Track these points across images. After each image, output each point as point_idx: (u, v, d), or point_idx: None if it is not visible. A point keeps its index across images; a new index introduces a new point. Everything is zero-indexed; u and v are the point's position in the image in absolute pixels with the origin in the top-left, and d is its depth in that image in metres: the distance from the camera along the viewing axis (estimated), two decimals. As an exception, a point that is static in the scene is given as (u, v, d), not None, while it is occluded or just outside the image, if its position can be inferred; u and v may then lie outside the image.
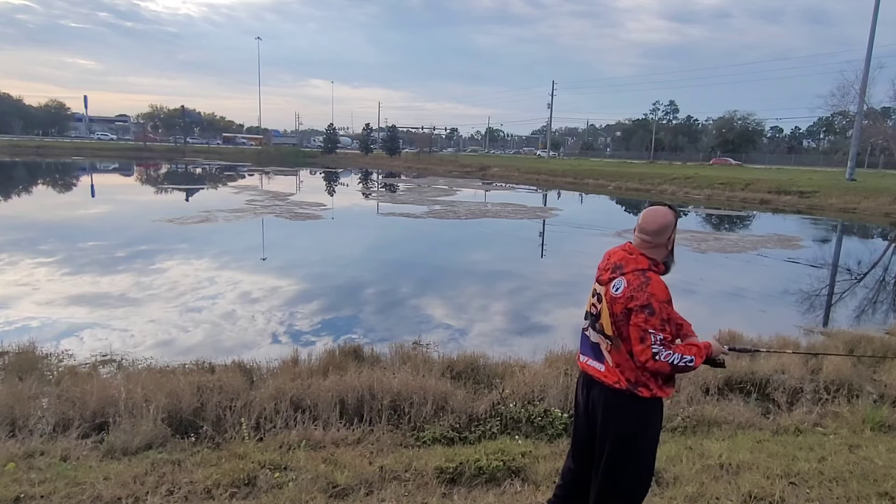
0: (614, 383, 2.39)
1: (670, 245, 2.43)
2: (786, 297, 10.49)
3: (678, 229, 2.46)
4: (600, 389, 2.45)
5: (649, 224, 2.38)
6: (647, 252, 2.39)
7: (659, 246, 2.40)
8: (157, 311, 7.96)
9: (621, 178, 39.60)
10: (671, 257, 2.45)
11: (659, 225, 2.37)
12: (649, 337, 2.25)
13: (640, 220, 2.43)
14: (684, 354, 2.31)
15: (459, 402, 4.58)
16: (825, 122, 75.22)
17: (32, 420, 4.09)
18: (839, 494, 3.35)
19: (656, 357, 2.26)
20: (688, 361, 2.31)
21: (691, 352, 2.34)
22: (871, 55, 32.14)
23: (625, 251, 2.43)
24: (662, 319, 2.27)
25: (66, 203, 23.07)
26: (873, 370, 5.87)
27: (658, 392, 2.37)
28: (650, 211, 2.43)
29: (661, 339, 2.26)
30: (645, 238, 2.39)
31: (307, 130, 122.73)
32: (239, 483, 3.32)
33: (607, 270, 2.43)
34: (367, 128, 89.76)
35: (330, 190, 35.56)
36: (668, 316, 2.31)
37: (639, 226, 2.41)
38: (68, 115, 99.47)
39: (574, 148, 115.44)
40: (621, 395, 2.38)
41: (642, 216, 2.43)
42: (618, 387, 2.38)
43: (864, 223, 23.24)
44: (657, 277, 2.34)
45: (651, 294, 2.27)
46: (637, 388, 2.36)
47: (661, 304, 2.28)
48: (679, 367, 2.31)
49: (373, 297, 9.48)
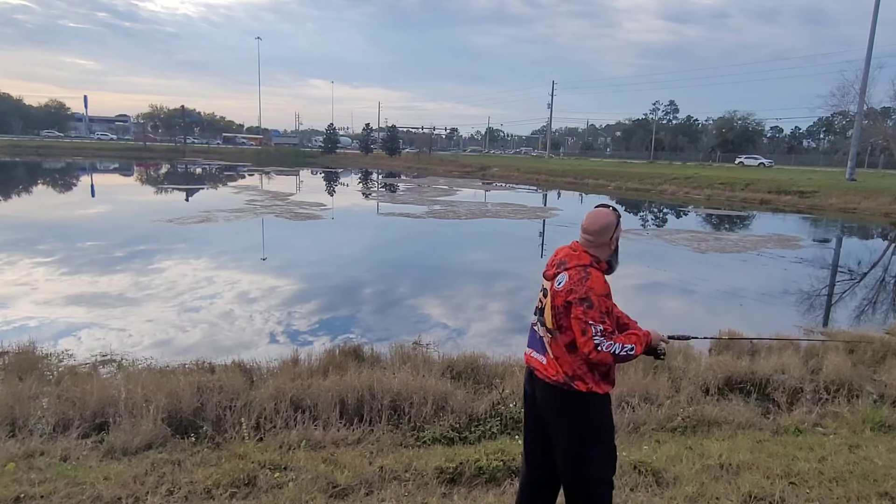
0: (553, 376, 2.49)
1: (614, 244, 2.55)
2: (786, 297, 10.48)
3: (621, 228, 2.56)
4: (542, 383, 2.56)
5: (592, 224, 2.51)
6: (590, 250, 2.51)
7: (602, 245, 2.51)
8: (157, 311, 7.95)
9: (621, 178, 39.59)
10: (615, 257, 2.57)
11: (600, 225, 2.50)
12: (590, 328, 2.35)
13: (584, 220, 2.54)
14: (625, 343, 2.41)
15: (459, 402, 4.58)
16: (825, 122, 75.19)
17: (32, 420, 4.09)
18: (839, 494, 3.34)
19: (598, 348, 2.35)
20: (629, 350, 2.41)
21: (631, 340, 2.44)
22: (871, 55, 32.16)
23: (570, 249, 2.56)
24: (602, 312, 2.36)
25: (66, 203, 23.07)
26: (873, 370, 5.88)
27: (594, 387, 2.45)
28: (593, 212, 2.55)
29: (601, 331, 2.35)
30: (588, 238, 2.52)
31: (307, 130, 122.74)
32: (239, 483, 3.32)
33: (553, 266, 2.55)
34: (367, 128, 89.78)
35: (330, 190, 35.56)
36: (608, 309, 2.41)
37: (583, 226, 2.53)
38: (68, 114, 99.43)
39: (574, 148, 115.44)
40: (560, 387, 2.48)
41: (586, 217, 2.55)
42: (555, 379, 2.48)
43: (865, 223, 23.23)
44: (597, 273, 2.45)
45: (590, 288, 2.38)
46: (574, 381, 2.45)
47: (600, 297, 2.38)
48: (621, 357, 2.40)
49: (373, 297, 9.48)
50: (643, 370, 5.34)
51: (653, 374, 5.35)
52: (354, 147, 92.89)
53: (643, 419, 4.54)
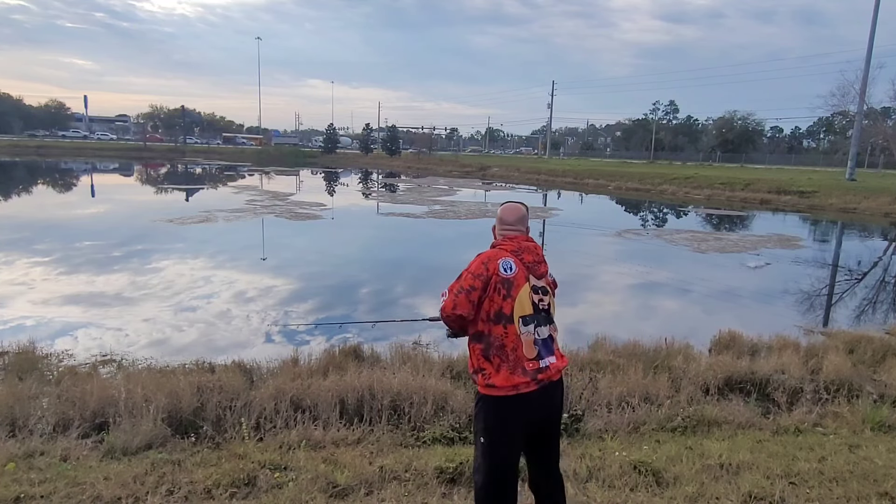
0: (564, 365, 2.59)
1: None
2: (786, 296, 10.48)
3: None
4: (560, 381, 2.56)
5: (522, 216, 2.73)
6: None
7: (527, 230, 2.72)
8: (157, 311, 7.95)
9: (621, 178, 39.57)
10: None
11: (523, 214, 2.72)
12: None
13: (508, 215, 2.69)
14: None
15: (459, 402, 4.58)
16: (825, 122, 75.13)
17: (32, 420, 4.09)
18: (839, 494, 3.34)
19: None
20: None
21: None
22: (871, 55, 32.15)
23: (529, 242, 2.63)
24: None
25: (66, 203, 23.07)
26: (873, 370, 5.88)
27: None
28: (514, 206, 2.73)
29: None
30: (521, 228, 2.69)
31: (307, 130, 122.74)
32: (239, 483, 3.32)
33: (540, 263, 2.59)
34: (367, 128, 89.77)
35: (330, 190, 35.55)
36: None
37: (512, 219, 2.68)
38: (68, 114, 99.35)
39: (574, 148, 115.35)
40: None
41: (510, 212, 2.70)
42: (566, 362, 2.62)
43: (865, 223, 23.23)
44: None
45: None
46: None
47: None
48: None
49: (373, 297, 9.47)
50: (643, 370, 5.34)
51: (653, 374, 5.35)
52: (354, 147, 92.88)
53: (643, 419, 4.54)
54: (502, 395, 2.40)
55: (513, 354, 2.41)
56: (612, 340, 6.47)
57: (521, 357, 2.42)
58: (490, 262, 2.48)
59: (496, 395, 2.41)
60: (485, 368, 2.44)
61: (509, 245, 2.55)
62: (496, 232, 2.69)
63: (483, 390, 2.46)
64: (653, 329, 7.22)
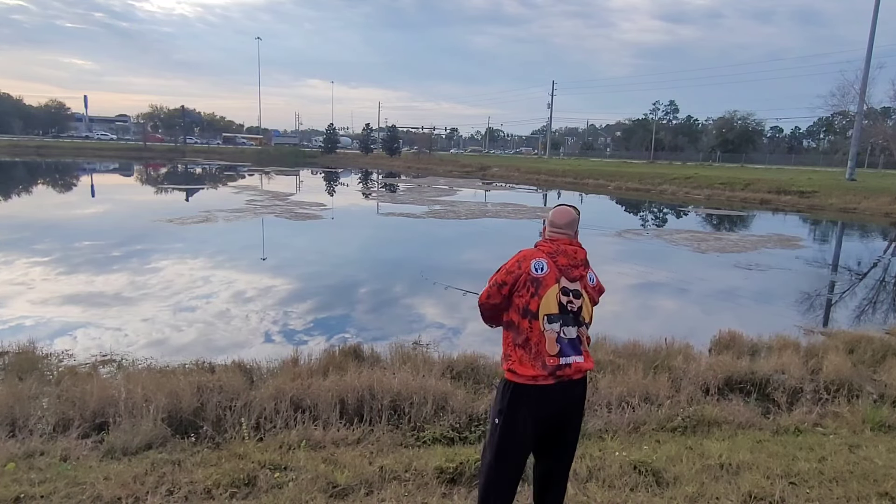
0: (590, 366, 2.64)
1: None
2: (786, 296, 10.48)
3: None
4: (582, 380, 2.62)
5: (572, 220, 2.72)
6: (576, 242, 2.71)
7: (576, 235, 2.74)
8: (156, 311, 7.95)
9: (621, 178, 39.58)
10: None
11: (573, 218, 2.72)
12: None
13: (558, 218, 2.69)
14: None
15: (459, 402, 4.58)
16: (825, 122, 75.13)
17: (32, 420, 4.08)
18: (839, 494, 3.35)
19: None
20: None
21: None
22: (871, 55, 32.16)
23: (573, 246, 2.65)
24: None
25: (66, 203, 23.06)
26: (873, 370, 5.88)
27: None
28: (563, 210, 2.73)
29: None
30: (569, 232, 2.69)
31: (307, 130, 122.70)
32: (239, 483, 3.32)
33: (577, 267, 2.63)
34: (367, 128, 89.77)
35: (330, 190, 35.54)
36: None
37: (563, 223, 2.68)
38: (68, 115, 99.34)
39: (574, 148, 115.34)
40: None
41: (560, 215, 2.70)
42: (591, 365, 2.66)
43: (865, 223, 23.23)
44: None
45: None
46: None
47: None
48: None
49: (373, 297, 9.48)
50: (643, 370, 5.34)
51: (653, 374, 5.35)
52: (354, 147, 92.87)
53: (643, 419, 4.54)
54: (521, 383, 2.54)
55: (535, 348, 2.53)
56: (612, 340, 6.47)
57: (542, 352, 2.53)
58: (524, 260, 2.61)
59: (516, 382, 2.55)
60: (511, 355, 2.60)
61: (547, 247, 2.64)
62: (545, 233, 2.76)
63: (507, 375, 2.61)
64: (653, 329, 7.22)
